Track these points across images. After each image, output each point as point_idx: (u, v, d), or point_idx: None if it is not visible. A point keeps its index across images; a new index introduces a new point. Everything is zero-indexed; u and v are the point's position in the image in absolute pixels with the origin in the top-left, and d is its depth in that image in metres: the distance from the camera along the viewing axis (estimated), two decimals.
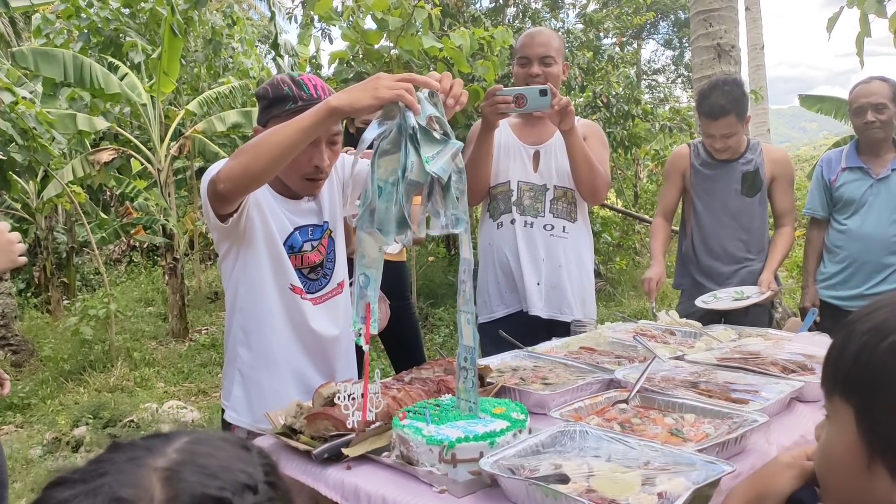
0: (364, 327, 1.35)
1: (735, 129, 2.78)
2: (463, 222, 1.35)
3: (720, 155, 2.89)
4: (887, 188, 2.92)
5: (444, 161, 1.31)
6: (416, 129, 1.29)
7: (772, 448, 1.34)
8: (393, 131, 1.32)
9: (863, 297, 2.89)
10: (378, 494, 1.18)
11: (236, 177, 1.47)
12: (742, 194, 2.90)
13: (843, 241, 3.00)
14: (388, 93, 1.33)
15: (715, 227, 2.92)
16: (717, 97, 2.74)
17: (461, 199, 1.36)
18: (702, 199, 2.94)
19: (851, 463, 0.79)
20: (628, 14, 10.64)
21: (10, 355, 6.23)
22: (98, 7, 7.42)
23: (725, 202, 2.91)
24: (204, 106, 7.67)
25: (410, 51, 4.61)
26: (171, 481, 0.57)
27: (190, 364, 6.27)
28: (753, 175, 2.89)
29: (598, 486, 1.05)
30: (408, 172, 1.28)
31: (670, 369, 1.73)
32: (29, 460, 4.08)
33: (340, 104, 1.38)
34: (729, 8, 5.48)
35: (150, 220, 8.53)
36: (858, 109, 2.93)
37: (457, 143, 1.35)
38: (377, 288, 1.38)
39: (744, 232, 2.91)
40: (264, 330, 1.72)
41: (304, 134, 1.43)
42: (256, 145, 1.46)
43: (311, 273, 1.78)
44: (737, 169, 2.90)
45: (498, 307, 2.56)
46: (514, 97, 2.24)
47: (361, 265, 1.36)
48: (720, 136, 2.80)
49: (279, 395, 1.68)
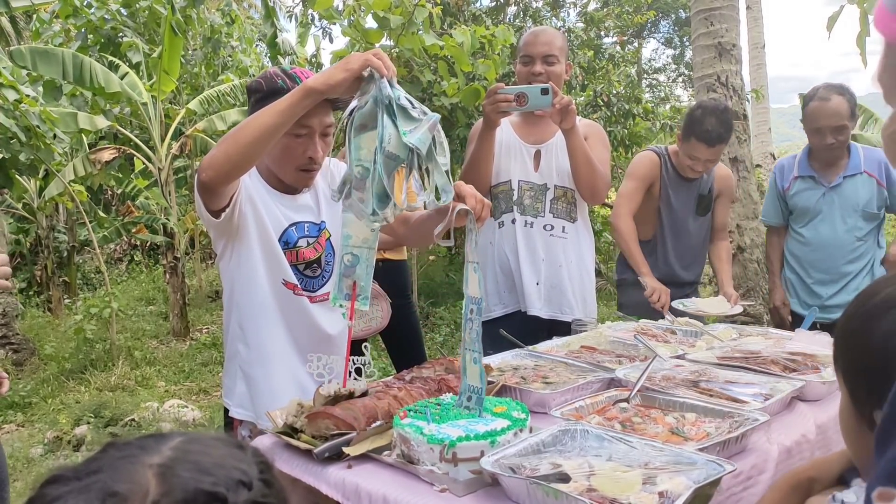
0: (347, 304, 1.35)
1: (720, 156, 2.85)
2: (449, 193, 1.35)
3: (690, 174, 2.90)
4: (840, 196, 2.90)
5: (421, 133, 1.30)
6: (392, 100, 1.29)
7: (773, 447, 1.34)
8: (368, 103, 1.32)
9: (825, 307, 2.89)
10: (379, 493, 1.18)
11: (218, 164, 1.47)
12: (697, 213, 2.98)
13: (801, 250, 3.02)
14: (357, 62, 1.34)
15: (674, 243, 2.97)
16: (714, 124, 2.73)
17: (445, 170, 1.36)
18: (667, 213, 2.97)
19: (852, 425, 0.88)
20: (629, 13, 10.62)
21: (12, 354, 6.24)
22: (96, 7, 7.42)
23: (685, 219, 2.97)
24: (205, 105, 7.67)
25: (411, 49, 4.61)
26: (165, 477, 0.57)
27: (191, 363, 6.27)
28: (708, 197, 2.99)
29: (598, 485, 1.05)
30: (385, 144, 1.27)
31: (671, 368, 1.73)
32: (30, 459, 4.09)
33: (315, 83, 1.40)
34: (730, 7, 5.47)
35: (150, 219, 8.54)
36: (817, 130, 2.85)
37: (434, 115, 1.34)
38: (370, 267, 1.38)
39: (693, 250, 3.00)
40: (259, 326, 1.72)
41: (282, 116, 1.43)
42: (236, 132, 1.47)
43: (308, 270, 1.78)
44: (695, 189, 2.96)
45: (496, 307, 2.56)
46: (516, 96, 2.24)
47: (347, 245, 1.37)
48: (705, 161, 2.81)
49: (274, 392, 1.68)
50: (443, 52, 4.68)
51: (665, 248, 2.96)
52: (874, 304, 0.85)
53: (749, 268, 5.25)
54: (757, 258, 5.25)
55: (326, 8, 4.87)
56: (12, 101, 5.16)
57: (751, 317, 5.03)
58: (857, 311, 0.88)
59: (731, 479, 1.10)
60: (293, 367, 1.73)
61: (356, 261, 1.36)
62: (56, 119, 5.83)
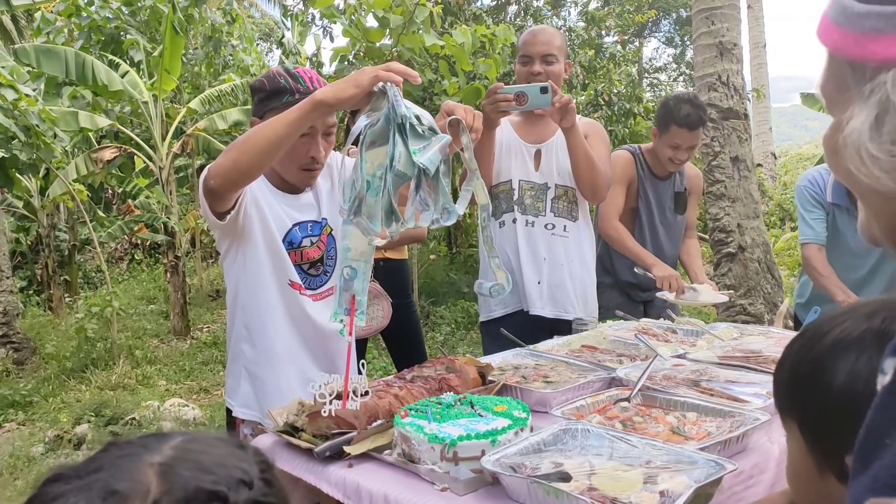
0: (348, 319, 1.36)
1: (699, 141, 2.85)
2: (454, 214, 1.36)
3: (670, 167, 2.92)
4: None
5: (431, 153, 1.31)
6: (405, 118, 1.29)
7: (774, 446, 1.33)
8: (380, 121, 1.32)
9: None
10: (380, 492, 1.18)
11: (225, 172, 1.49)
12: (675, 212, 3.00)
13: None
14: (367, 78, 1.35)
15: (653, 241, 2.98)
16: (692, 108, 2.75)
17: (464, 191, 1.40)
18: (645, 211, 2.98)
19: (807, 472, 0.82)
20: (630, 12, 10.62)
21: (13, 353, 6.24)
22: (98, 6, 7.43)
23: (663, 217, 2.98)
24: (206, 104, 7.67)
25: (412, 48, 4.61)
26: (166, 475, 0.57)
27: (191, 362, 6.28)
28: (683, 195, 3.00)
29: (599, 484, 1.05)
30: (395, 163, 1.28)
31: (672, 368, 1.73)
32: (31, 458, 4.09)
33: (325, 97, 1.40)
34: (731, 6, 5.47)
35: (151, 218, 8.53)
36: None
37: (445, 136, 1.35)
38: (366, 281, 1.39)
39: (670, 248, 3.00)
40: (266, 326, 1.72)
41: (291, 128, 1.44)
42: (245, 140, 1.48)
43: (311, 269, 1.79)
44: (670, 187, 2.98)
45: (496, 307, 2.56)
46: (515, 95, 2.24)
47: (347, 258, 1.37)
48: (686, 148, 2.82)
49: (282, 392, 1.68)
50: (443, 51, 4.68)
51: (644, 246, 2.93)
52: (826, 345, 0.80)
53: (749, 267, 5.25)
54: (757, 258, 5.25)
55: (327, 6, 4.87)
56: (11, 101, 5.16)
57: (751, 316, 5.03)
58: (807, 356, 0.82)
59: (732, 478, 1.10)
60: (303, 366, 1.74)
61: (354, 274, 1.37)
62: (56, 118, 5.83)
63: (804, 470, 0.83)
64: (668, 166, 2.91)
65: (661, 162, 2.93)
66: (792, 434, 0.85)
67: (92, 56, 6.82)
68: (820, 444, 0.80)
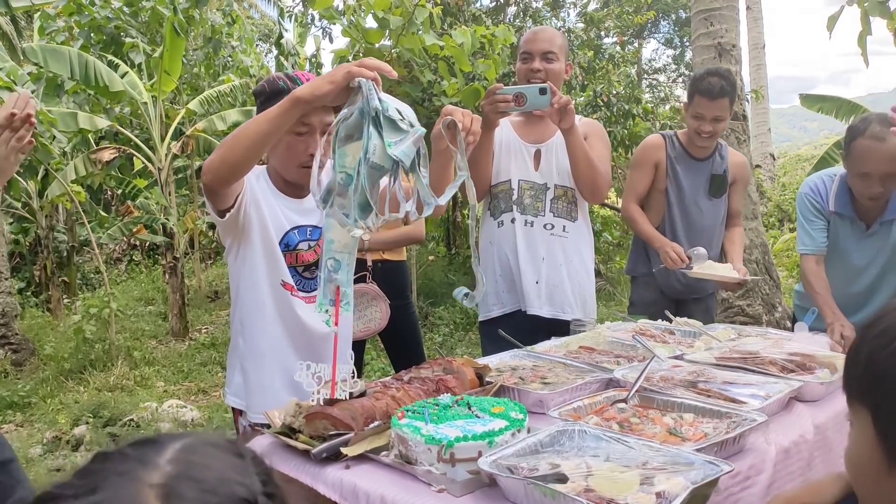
0: (333, 309, 1.40)
1: (726, 114, 2.79)
2: (431, 206, 1.38)
3: (702, 142, 2.85)
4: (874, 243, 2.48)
5: (406, 146, 1.32)
6: (379, 112, 1.30)
7: (770, 448, 1.34)
8: (354, 115, 1.34)
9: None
10: (377, 493, 1.18)
11: (216, 168, 1.55)
12: (710, 194, 2.93)
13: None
14: (340, 74, 1.38)
15: (684, 222, 2.92)
16: (715, 79, 2.73)
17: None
18: (675, 192, 2.92)
19: (875, 465, 0.81)
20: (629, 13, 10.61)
21: (11, 354, 6.23)
22: (99, 5, 7.43)
23: (695, 199, 2.92)
24: (205, 105, 7.67)
25: (411, 49, 4.61)
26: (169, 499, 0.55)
27: (190, 363, 6.27)
28: (722, 178, 2.93)
29: (596, 485, 1.05)
30: (370, 155, 1.30)
31: (669, 369, 1.73)
32: (29, 459, 4.08)
33: (302, 93, 1.44)
34: (730, 7, 5.48)
35: (150, 219, 8.53)
36: (864, 176, 2.30)
37: (420, 129, 1.36)
38: (350, 272, 1.43)
39: (706, 231, 2.92)
40: (255, 323, 1.79)
41: (272, 124, 1.49)
42: (233, 137, 1.53)
43: (306, 272, 1.84)
44: (707, 169, 2.92)
45: (494, 306, 2.56)
46: (514, 96, 2.24)
47: (331, 250, 1.40)
48: (711, 119, 2.77)
49: (264, 388, 1.77)
50: (443, 52, 4.67)
51: (674, 227, 2.90)
52: None
53: (748, 267, 5.25)
54: (756, 258, 5.25)
55: (326, 7, 4.87)
56: None
57: (749, 317, 5.03)
58: (889, 348, 0.80)
59: (728, 479, 1.10)
60: (287, 365, 1.77)
61: (338, 266, 1.40)
62: (54, 119, 5.83)
63: (871, 460, 0.82)
64: (696, 140, 2.85)
65: (692, 139, 2.88)
66: (860, 421, 0.84)
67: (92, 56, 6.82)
68: (891, 437, 0.79)
